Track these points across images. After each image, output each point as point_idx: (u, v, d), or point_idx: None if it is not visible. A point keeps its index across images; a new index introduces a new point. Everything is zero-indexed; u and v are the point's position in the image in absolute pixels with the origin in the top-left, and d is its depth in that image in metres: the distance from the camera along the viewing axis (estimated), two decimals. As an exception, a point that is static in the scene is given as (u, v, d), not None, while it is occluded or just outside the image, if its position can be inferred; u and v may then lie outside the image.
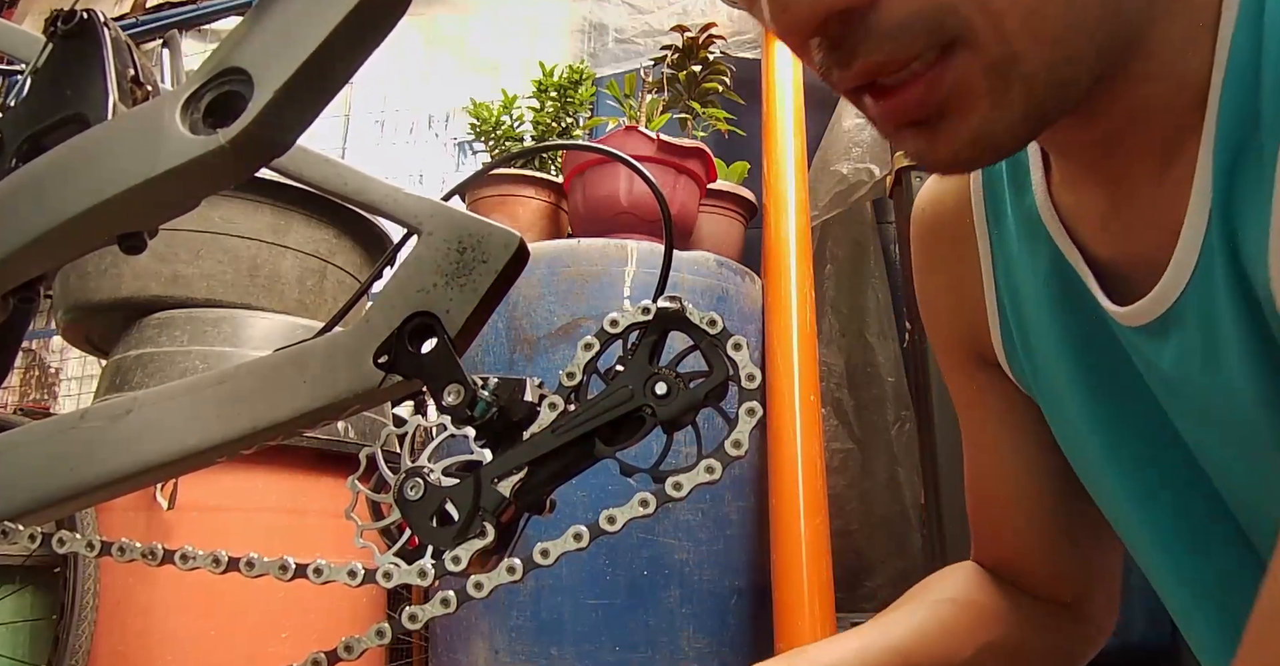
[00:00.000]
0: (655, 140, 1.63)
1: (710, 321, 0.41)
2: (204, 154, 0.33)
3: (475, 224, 0.40)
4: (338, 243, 1.74)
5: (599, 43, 2.52)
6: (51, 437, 0.39)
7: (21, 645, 1.70)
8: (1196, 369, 0.43)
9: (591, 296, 1.51)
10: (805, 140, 1.87)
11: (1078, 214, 0.50)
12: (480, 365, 1.53)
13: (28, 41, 0.44)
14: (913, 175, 1.64)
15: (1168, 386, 0.47)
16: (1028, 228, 0.54)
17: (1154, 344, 0.46)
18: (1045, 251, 0.52)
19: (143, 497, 1.40)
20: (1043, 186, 0.52)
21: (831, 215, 2.08)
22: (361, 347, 0.39)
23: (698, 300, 1.55)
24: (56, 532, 0.42)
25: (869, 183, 2.02)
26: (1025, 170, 0.54)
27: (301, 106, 0.34)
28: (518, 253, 0.39)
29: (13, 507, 0.38)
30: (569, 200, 1.76)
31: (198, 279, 1.58)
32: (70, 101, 0.38)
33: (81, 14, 0.39)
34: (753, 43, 2.24)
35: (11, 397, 2.77)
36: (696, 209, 1.75)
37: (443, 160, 2.67)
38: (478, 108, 1.93)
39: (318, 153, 0.45)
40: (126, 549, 0.42)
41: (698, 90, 1.85)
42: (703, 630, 1.42)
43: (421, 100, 2.72)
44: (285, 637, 1.41)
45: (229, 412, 0.39)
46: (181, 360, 1.52)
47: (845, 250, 2.19)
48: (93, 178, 0.34)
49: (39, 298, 0.41)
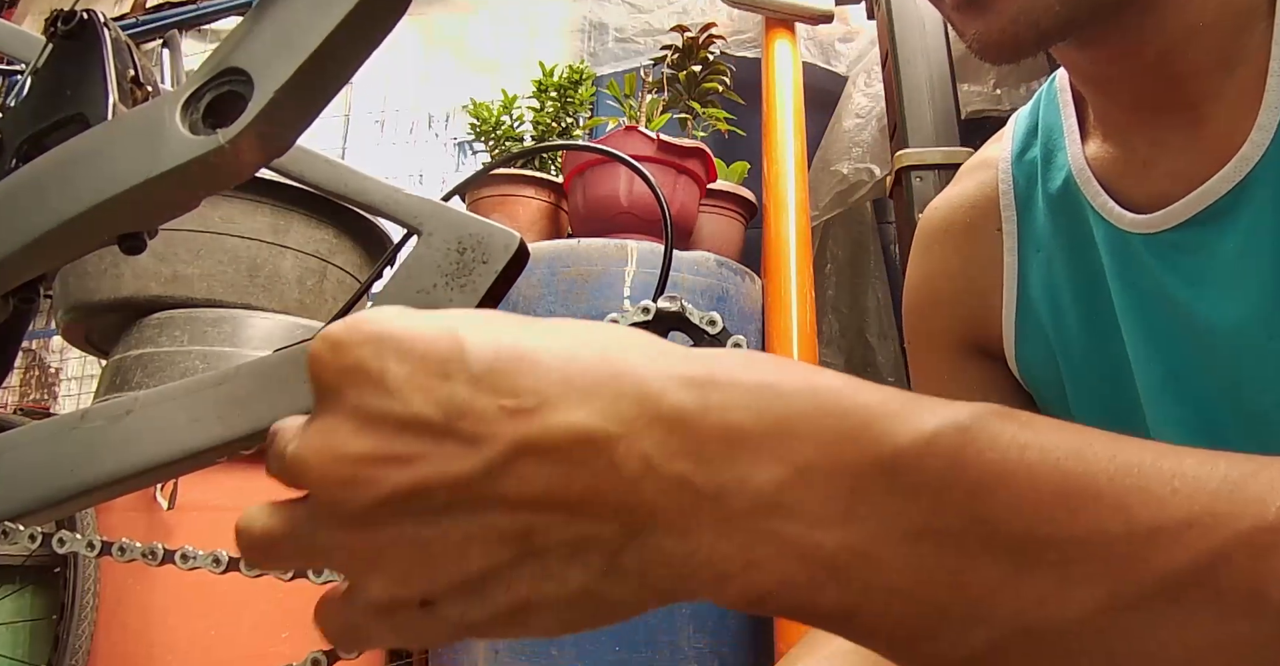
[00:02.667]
0: (655, 140, 1.63)
1: (710, 321, 0.41)
2: (204, 154, 0.33)
3: (475, 224, 0.40)
4: (338, 243, 1.74)
5: (599, 42, 2.52)
6: (52, 438, 0.39)
7: (21, 645, 1.70)
8: (1267, 251, 0.45)
9: (591, 296, 1.51)
10: (805, 140, 1.87)
11: (1114, 172, 0.53)
12: (480, 365, 1.53)
13: (28, 41, 0.44)
14: (913, 175, 1.64)
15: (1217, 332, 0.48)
16: (1062, 202, 0.57)
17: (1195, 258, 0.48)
18: (1083, 218, 0.55)
19: (143, 497, 1.40)
20: (1079, 156, 0.56)
21: (831, 215, 2.08)
22: (361, 348, 0.39)
23: (698, 300, 1.55)
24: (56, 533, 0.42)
25: (869, 183, 2.02)
26: (1059, 146, 0.57)
27: (301, 107, 0.34)
28: (518, 253, 0.39)
29: (13, 508, 0.38)
30: (569, 200, 1.76)
31: (198, 279, 1.58)
32: (70, 102, 0.38)
33: (81, 14, 0.39)
34: (753, 43, 2.24)
35: (11, 397, 2.77)
36: (696, 209, 1.75)
37: (443, 160, 2.67)
38: (478, 108, 1.93)
39: (318, 153, 0.45)
40: (127, 549, 0.42)
41: (698, 90, 1.85)
42: (703, 630, 1.42)
43: (421, 100, 2.71)
44: (285, 637, 1.41)
45: (229, 413, 0.39)
46: (181, 360, 1.52)
47: (845, 250, 2.19)
48: (93, 178, 0.34)
49: (39, 298, 0.41)
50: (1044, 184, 0.58)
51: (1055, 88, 0.60)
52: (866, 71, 2.13)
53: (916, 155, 1.66)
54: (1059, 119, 0.59)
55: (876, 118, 2.05)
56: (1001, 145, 0.64)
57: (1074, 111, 0.57)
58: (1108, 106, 0.53)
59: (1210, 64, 0.46)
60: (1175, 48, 0.46)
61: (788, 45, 2.00)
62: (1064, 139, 0.57)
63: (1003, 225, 0.60)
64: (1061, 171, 0.57)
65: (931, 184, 1.61)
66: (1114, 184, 0.53)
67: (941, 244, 0.65)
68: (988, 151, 0.65)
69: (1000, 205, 0.61)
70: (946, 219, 0.65)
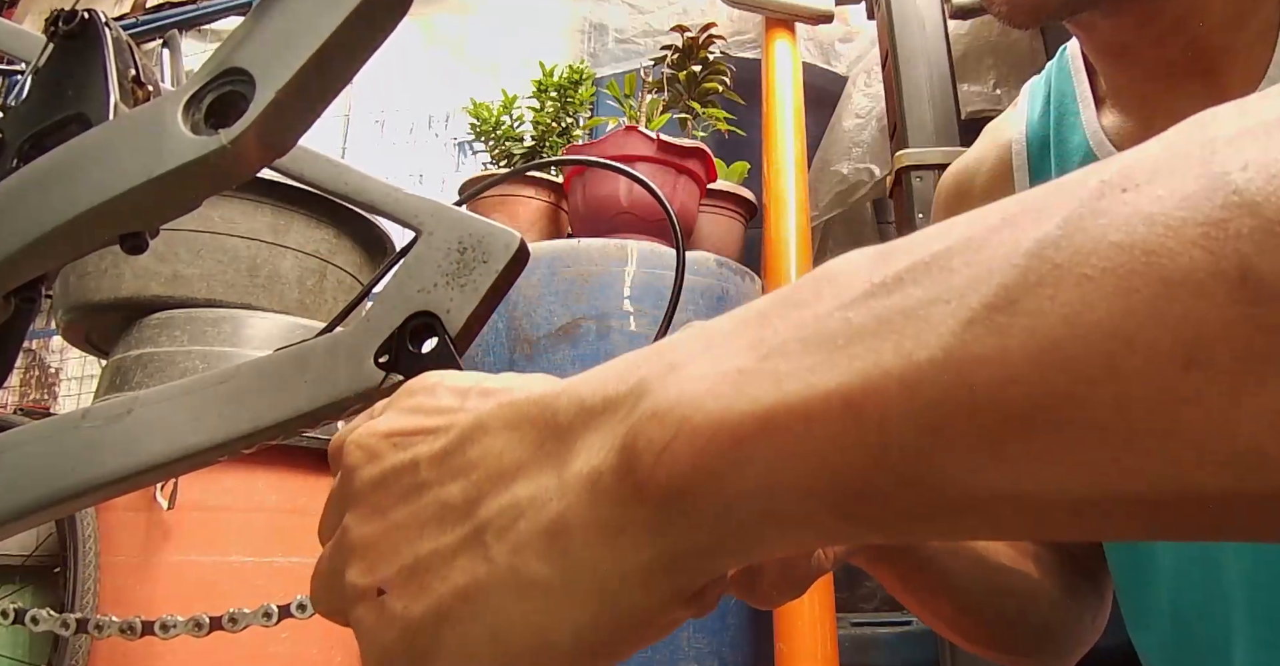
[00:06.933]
0: (655, 140, 1.63)
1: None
2: (206, 154, 0.33)
3: (476, 224, 0.40)
4: (338, 243, 1.74)
5: (599, 43, 2.52)
6: (52, 438, 0.39)
7: (21, 645, 1.70)
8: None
9: (591, 296, 1.51)
10: (805, 140, 1.87)
11: (1129, 141, 0.55)
12: (480, 365, 1.53)
13: (28, 41, 0.44)
14: (913, 175, 1.64)
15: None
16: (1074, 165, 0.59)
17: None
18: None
19: (143, 497, 1.40)
20: (1094, 121, 0.57)
21: (831, 215, 2.08)
22: (362, 347, 0.39)
23: (698, 300, 1.55)
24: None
25: (869, 183, 2.02)
26: (1072, 111, 0.59)
27: (303, 107, 0.34)
28: (518, 253, 0.39)
29: (14, 508, 0.38)
30: (569, 200, 1.76)
31: (198, 279, 1.58)
32: (71, 101, 0.38)
33: (82, 14, 0.39)
34: (753, 43, 2.24)
35: (11, 397, 2.77)
36: (696, 209, 1.75)
37: (443, 160, 2.67)
38: (478, 108, 1.93)
39: (318, 152, 0.45)
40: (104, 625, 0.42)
41: (698, 90, 1.85)
42: (703, 630, 1.42)
43: (421, 100, 2.72)
44: (285, 637, 1.41)
45: (230, 412, 0.39)
46: (181, 360, 1.52)
47: (845, 250, 2.18)
48: (94, 178, 0.34)
49: (41, 298, 0.41)
50: (1056, 149, 0.60)
51: (1067, 56, 0.63)
52: (866, 71, 2.14)
53: (916, 155, 1.66)
54: (1071, 86, 0.60)
55: (876, 118, 2.05)
56: (1016, 112, 0.66)
57: (1086, 79, 0.59)
58: (1124, 77, 0.55)
59: (1223, 22, 0.48)
60: (1192, 10, 0.48)
61: (788, 45, 2.00)
62: (1077, 104, 0.59)
63: (1015, 188, 0.62)
64: (1075, 135, 0.59)
65: (931, 184, 1.61)
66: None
67: (958, 209, 0.67)
68: (1003, 119, 0.68)
69: (1014, 167, 0.63)
70: (963, 184, 0.67)
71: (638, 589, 0.23)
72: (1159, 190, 0.18)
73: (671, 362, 0.24)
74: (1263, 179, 0.17)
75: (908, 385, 0.19)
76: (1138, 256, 0.17)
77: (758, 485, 0.21)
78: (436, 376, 0.30)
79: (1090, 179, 0.19)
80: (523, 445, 0.25)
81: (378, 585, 0.26)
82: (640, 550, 0.23)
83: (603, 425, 0.24)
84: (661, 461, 0.22)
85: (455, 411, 0.28)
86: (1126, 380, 0.17)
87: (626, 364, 0.25)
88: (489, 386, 0.28)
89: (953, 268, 0.20)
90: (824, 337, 0.21)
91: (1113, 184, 0.19)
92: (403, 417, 0.29)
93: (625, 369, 0.25)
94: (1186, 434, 0.17)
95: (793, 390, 0.21)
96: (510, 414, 0.26)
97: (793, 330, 0.22)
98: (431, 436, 0.27)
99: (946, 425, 0.19)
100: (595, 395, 0.25)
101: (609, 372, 0.25)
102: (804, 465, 0.21)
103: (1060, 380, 0.18)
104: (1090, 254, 0.18)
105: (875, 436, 0.20)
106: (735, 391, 0.21)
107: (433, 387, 0.29)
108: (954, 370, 0.19)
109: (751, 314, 0.24)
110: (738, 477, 0.21)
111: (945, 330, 0.19)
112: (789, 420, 0.21)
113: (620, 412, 0.24)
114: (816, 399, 0.20)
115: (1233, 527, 0.18)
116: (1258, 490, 0.17)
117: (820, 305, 0.22)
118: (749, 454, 0.21)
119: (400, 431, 0.28)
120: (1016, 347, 0.18)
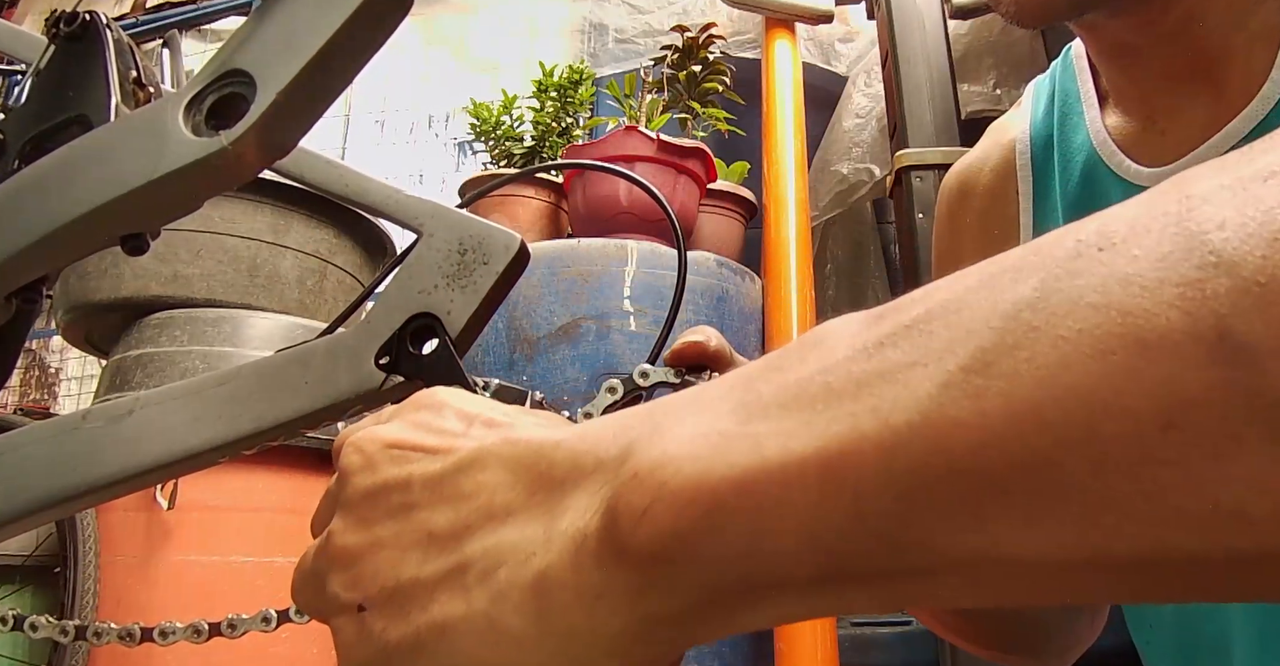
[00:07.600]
0: (655, 140, 1.63)
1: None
2: (207, 156, 0.33)
3: (476, 225, 0.40)
4: (338, 243, 1.74)
5: (599, 43, 2.52)
6: (53, 438, 0.39)
7: (21, 645, 1.70)
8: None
9: (591, 296, 1.51)
10: (805, 140, 1.87)
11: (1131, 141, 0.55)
12: (481, 365, 1.53)
13: (29, 42, 0.44)
14: (913, 175, 1.64)
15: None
16: (1079, 164, 0.59)
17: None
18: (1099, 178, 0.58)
19: (143, 497, 1.40)
20: (1097, 120, 0.58)
21: (831, 215, 2.08)
22: (363, 349, 0.39)
23: (698, 300, 1.55)
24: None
25: (869, 183, 2.02)
26: (1076, 110, 0.60)
27: (304, 108, 0.34)
28: (518, 254, 0.39)
29: (14, 508, 0.38)
30: (569, 200, 1.76)
31: (198, 279, 1.58)
32: (72, 103, 0.38)
33: (83, 15, 0.39)
34: (753, 43, 2.24)
35: (12, 398, 2.77)
36: (696, 209, 1.75)
37: (443, 160, 2.67)
38: (478, 108, 1.93)
39: (318, 153, 0.45)
40: (103, 632, 0.42)
41: (698, 90, 1.85)
42: (703, 630, 1.42)
43: (421, 100, 2.72)
44: (285, 637, 1.41)
45: (230, 413, 0.39)
46: (181, 360, 1.52)
47: (845, 250, 2.19)
48: (96, 179, 0.34)
49: (42, 299, 0.41)
50: (1060, 148, 0.60)
51: (1071, 56, 0.63)
52: (866, 71, 2.14)
53: (916, 155, 1.66)
54: (1075, 86, 0.61)
55: (876, 118, 2.05)
56: (1020, 111, 0.66)
57: (1090, 78, 0.59)
58: (1127, 78, 0.55)
59: (1226, 24, 0.49)
60: (1196, 12, 0.49)
61: (788, 45, 2.00)
62: (1081, 104, 0.59)
63: (1019, 186, 0.62)
64: (1079, 135, 0.59)
65: (931, 184, 1.61)
66: (1131, 152, 0.55)
67: (962, 207, 0.67)
68: (1007, 117, 0.68)
69: (1017, 166, 0.63)
70: (966, 184, 0.67)
71: (608, 657, 0.23)
72: (1135, 250, 0.18)
73: (658, 424, 0.24)
74: (1239, 238, 0.16)
75: (885, 449, 0.19)
76: (1114, 317, 0.17)
77: (736, 550, 0.21)
78: (445, 394, 0.31)
79: (1067, 238, 0.19)
80: (515, 489, 0.26)
81: (360, 601, 0.26)
82: (617, 616, 0.23)
83: (590, 485, 0.24)
84: (642, 524, 0.22)
85: (458, 436, 0.28)
86: (1104, 443, 0.17)
87: (620, 423, 0.25)
88: (495, 417, 0.29)
89: (932, 331, 0.20)
90: (804, 401, 0.21)
91: (1089, 243, 0.19)
92: (406, 431, 0.29)
93: (619, 429, 0.25)
94: (1167, 496, 0.17)
95: (771, 454, 0.21)
96: (509, 454, 0.26)
97: (775, 394, 0.22)
98: (430, 457, 0.28)
99: (924, 489, 0.19)
100: (588, 454, 0.25)
101: (604, 431, 0.25)
102: (782, 529, 0.20)
103: (1038, 443, 0.18)
104: (1066, 315, 0.18)
105: (852, 501, 0.19)
106: (714, 454, 0.21)
107: (440, 406, 0.30)
108: (931, 433, 0.19)
109: (740, 377, 0.24)
110: (717, 542, 0.21)
111: (923, 393, 0.19)
112: (767, 485, 0.20)
113: (608, 474, 0.24)
114: (793, 463, 0.20)
115: (1218, 589, 0.18)
116: (1241, 552, 0.17)
117: (804, 369, 0.22)
118: (727, 518, 0.21)
119: (401, 444, 0.28)
120: (993, 411, 0.18)
